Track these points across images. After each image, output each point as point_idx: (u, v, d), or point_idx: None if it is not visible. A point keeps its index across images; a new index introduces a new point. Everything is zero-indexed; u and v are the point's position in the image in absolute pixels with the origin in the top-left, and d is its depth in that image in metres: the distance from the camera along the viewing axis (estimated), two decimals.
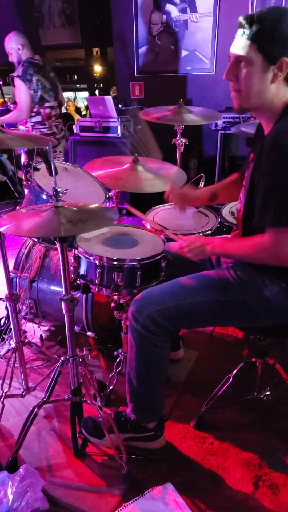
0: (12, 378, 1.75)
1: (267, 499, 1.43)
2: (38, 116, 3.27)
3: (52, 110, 3.33)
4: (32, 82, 3.14)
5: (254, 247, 1.31)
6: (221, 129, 4.01)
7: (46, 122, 3.29)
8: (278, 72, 1.19)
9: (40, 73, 3.20)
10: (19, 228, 1.28)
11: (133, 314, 1.44)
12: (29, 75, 3.14)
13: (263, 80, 1.21)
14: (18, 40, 3.22)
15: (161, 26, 4.63)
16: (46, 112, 3.28)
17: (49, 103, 3.29)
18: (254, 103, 1.27)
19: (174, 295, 1.42)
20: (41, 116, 3.27)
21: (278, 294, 1.37)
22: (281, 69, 1.19)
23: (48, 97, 3.29)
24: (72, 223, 1.26)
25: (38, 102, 3.23)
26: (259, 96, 1.25)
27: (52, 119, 3.34)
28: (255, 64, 1.20)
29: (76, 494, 1.45)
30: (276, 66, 1.19)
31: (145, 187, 1.79)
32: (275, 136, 1.24)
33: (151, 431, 1.56)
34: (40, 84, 3.18)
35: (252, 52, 1.19)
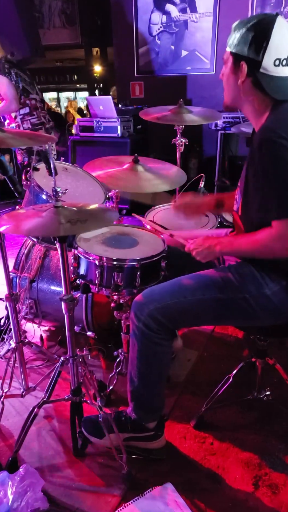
0: (12, 378, 1.75)
1: (267, 499, 1.43)
2: (25, 107, 3.32)
3: (37, 102, 3.38)
4: (11, 74, 3.22)
5: (264, 241, 1.30)
6: (221, 129, 4.01)
7: (34, 113, 3.33)
8: (239, 74, 1.31)
9: (16, 67, 3.28)
10: (19, 227, 1.28)
11: (134, 313, 1.44)
12: (6, 69, 3.22)
13: (233, 80, 1.35)
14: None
15: (161, 26, 4.63)
16: (32, 103, 3.33)
17: (32, 94, 3.34)
18: (231, 100, 1.41)
19: (175, 294, 1.43)
20: (28, 107, 3.32)
21: (278, 292, 1.37)
22: (241, 72, 1.30)
23: (30, 89, 3.34)
24: (71, 223, 1.26)
25: (22, 94, 3.29)
26: (233, 94, 1.38)
27: (39, 110, 3.38)
28: (228, 66, 1.35)
29: (76, 494, 1.45)
30: (239, 69, 1.31)
31: (145, 187, 1.79)
32: (261, 133, 1.28)
33: (151, 431, 1.56)
34: (20, 77, 3.26)
35: (228, 56, 1.34)
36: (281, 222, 1.24)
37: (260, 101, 1.32)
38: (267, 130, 1.26)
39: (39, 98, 3.43)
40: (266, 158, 1.23)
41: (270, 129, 1.25)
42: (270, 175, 1.24)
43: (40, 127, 3.36)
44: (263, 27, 1.24)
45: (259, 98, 1.32)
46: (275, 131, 1.23)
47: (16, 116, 3.34)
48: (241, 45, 1.27)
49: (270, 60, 1.24)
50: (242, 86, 1.32)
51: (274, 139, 1.21)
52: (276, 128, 1.24)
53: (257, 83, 1.29)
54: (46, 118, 3.47)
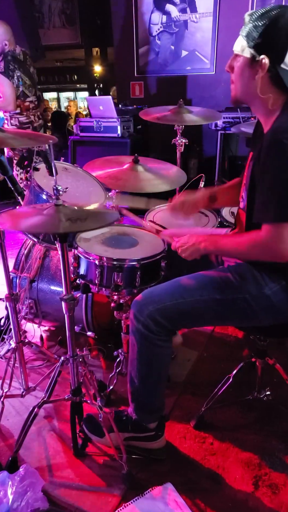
0: (12, 378, 1.75)
1: (267, 499, 1.43)
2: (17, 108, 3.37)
3: (31, 104, 3.41)
4: (13, 78, 3.20)
5: (249, 243, 1.30)
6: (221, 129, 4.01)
7: (24, 113, 3.38)
8: (258, 69, 1.25)
9: (21, 69, 3.26)
10: (18, 224, 1.28)
11: (134, 314, 1.44)
12: (11, 71, 3.20)
13: (249, 74, 1.28)
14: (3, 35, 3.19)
15: (161, 26, 4.63)
16: (25, 105, 3.37)
17: (29, 98, 3.36)
18: (243, 95, 1.35)
19: (174, 295, 1.42)
20: (20, 108, 3.36)
21: (278, 292, 1.37)
22: (261, 66, 1.24)
23: (29, 92, 3.35)
24: (71, 221, 1.25)
25: (19, 97, 3.31)
26: (246, 89, 1.32)
27: (31, 110, 3.42)
28: (244, 59, 1.28)
29: (76, 494, 1.45)
30: (257, 63, 1.25)
31: (145, 187, 1.79)
32: (274, 133, 1.25)
33: (151, 431, 1.56)
34: (21, 81, 3.25)
35: (243, 48, 1.27)
36: (274, 225, 1.24)
37: (275, 99, 1.28)
38: (279, 131, 1.23)
39: (35, 99, 3.45)
40: (275, 160, 1.22)
41: (282, 130, 1.23)
42: (275, 177, 1.23)
43: (28, 126, 3.42)
44: (286, 20, 1.19)
45: (275, 95, 1.27)
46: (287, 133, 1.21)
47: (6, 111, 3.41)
48: (262, 38, 1.21)
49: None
50: (261, 81, 1.25)
51: (284, 142, 1.19)
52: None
53: (276, 79, 1.25)
54: (36, 115, 3.51)
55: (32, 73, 3.40)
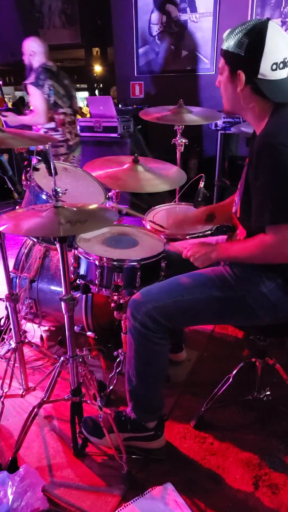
0: (12, 378, 1.75)
1: (267, 499, 1.43)
2: (52, 122, 3.21)
3: (66, 117, 3.26)
4: (44, 87, 3.10)
5: (259, 247, 1.32)
6: (221, 129, 4.01)
7: (59, 129, 3.23)
8: (237, 83, 1.30)
9: (53, 79, 3.15)
10: (19, 227, 1.28)
11: (131, 312, 1.45)
12: (41, 81, 3.10)
13: (231, 89, 1.34)
14: (31, 45, 3.16)
15: (161, 26, 4.63)
16: (60, 118, 3.22)
17: (63, 109, 3.22)
18: (231, 108, 1.41)
19: (172, 293, 1.43)
20: (54, 122, 3.21)
21: (274, 290, 1.38)
22: (239, 80, 1.29)
23: (62, 103, 3.22)
24: (71, 223, 1.26)
25: (52, 108, 3.18)
26: (232, 102, 1.38)
27: (66, 125, 3.27)
28: (225, 76, 1.34)
29: (76, 494, 1.45)
30: (236, 78, 1.30)
31: (145, 187, 1.79)
32: (264, 137, 1.28)
33: (151, 431, 1.56)
34: (53, 90, 3.13)
35: (223, 64, 1.34)
36: (274, 228, 1.26)
37: (261, 107, 1.32)
38: (268, 136, 1.27)
39: (70, 112, 3.30)
40: (266, 163, 1.24)
41: (271, 134, 1.26)
42: (268, 180, 1.24)
43: (62, 144, 3.25)
44: (256, 33, 1.23)
45: (259, 103, 1.32)
46: (276, 136, 1.23)
47: (41, 128, 3.24)
48: (236, 54, 1.26)
49: (267, 65, 1.24)
50: (242, 93, 1.32)
51: (274, 145, 1.22)
52: (277, 133, 1.24)
53: (257, 89, 1.29)
54: (73, 133, 3.35)
55: (66, 85, 3.28)
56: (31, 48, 3.16)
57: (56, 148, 3.23)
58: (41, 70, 3.12)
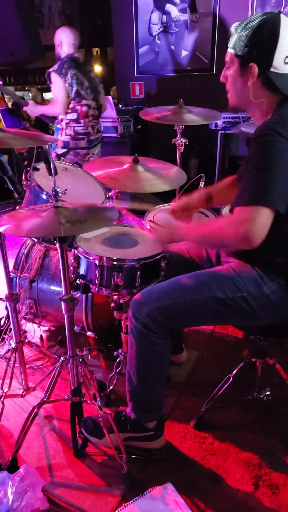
0: (12, 378, 1.75)
1: (267, 499, 1.43)
2: (73, 113, 3.09)
3: (90, 109, 3.14)
4: (67, 76, 2.99)
5: (221, 224, 1.33)
6: (221, 129, 4.01)
7: (81, 121, 3.11)
8: (249, 76, 1.30)
9: (77, 68, 3.04)
10: (19, 228, 1.28)
11: (132, 312, 1.45)
12: (64, 69, 3.00)
13: (241, 82, 1.34)
14: (59, 36, 3.09)
15: (161, 26, 4.63)
16: (83, 110, 3.09)
17: (86, 100, 3.09)
18: (238, 103, 1.40)
19: (173, 293, 1.43)
20: (76, 113, 3.09)
21: (277, 291, 1.37)
22: (251, 73, 1.29)
23: (85, 94, 3.08)
24: (71, 223, 1.26)
25: (74, 98, 3.06)
26: (240, 97, 1.37)
27: (89, 118, 3.14)
28: (235, 69, 1.33)
29: (76, 494, 1.45)
30: (248, 71, 1.29)
31: (145, 187, 1.79)
32: (260, 129, 1.29)
33: (151, 431, 1.56)
34: (76, 80, 3.01)
35: (232, 58, 1.33)
36: (240, 209, 1.24)
37: (268, 102, 1.33)
38: (266, 126, 1.28)
39: (94, 105, 3.17)
40: (256, 151, 1.26)
41: (268, 125, 1.27)
42: (252, 166, 1.25)
43: (83, 137, 3.14)
44: (270, 27, 1.23)
45: (268, 99, 1.32)
46: (273, 126, 1.24)
47: (62, 119, 3.14)
48: (248, 47, 1.26)
49: (281, 58, 1.25)
50: (252, 87, 1.31)
51: (269, 133, 1.23)
52: (274, 124, 1.25)
53: (268, 83, 1.29)
54: (95, 128, 3.23)
55: (92, 77, 3.17)
56: (59, 38, 3.09)
57: (76, 141, 3.13)
58: (66, 60, 3.04)
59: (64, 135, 3.15)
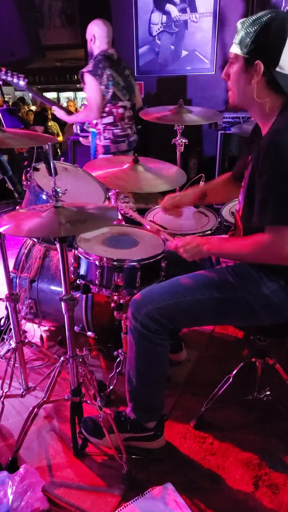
0: (12, 378, 1.75)
1: (267, 499, 1.43)
2: (110, 116, 2.87)
3: (126, 111, 2.92)
4: (102, 77, 2.74)
5: (254, 247, 1.31)
6: (221, 129, 4.01)
7: (118, 124, 2.89)
8: (254, 74, 1.27)
9: (113, 67, 2.80)
10: (19, 228, 1.28)
11: (132, 312, 1.44)
12: (99, 70, 2.74)
13: (245, 80, 1.30)
14: (93, 29, 2.86)
15: (161, 26, 4.63)
16: (119, 112, 2.87)
17: (122, 102, 2.87)
18: (240, 101, 1.37)
19: (173, 294, 1.43)
20: (113, 116, 2.87)
21: (277, 291, 1.37)
22: (256, 71, 1.26)
23: (122, 95, 2.86)
24: (71, 223, 1.26)
25: (110, 101, 2.82)
26: (243, 95, 1.34)
27: (125, 120, 2.94)
28: (239, 66, 1.30)
29: (76, 494, 1.45)
30: (252, 68, 1.27)
31: (145, 187, 1.79)
32: (271, 136, 1.27)
33: (151, 431, 1.56)
34: (112, 81, 2.77)
35: (237, 55, 1.29)
36: (274, 229, 1.25)
37: (271, 102, 1.30)
38: (276, 133, 1.25)
39: (129, 105, 2.95)
40: (271, 161, 1.23)
41: (279, 132, 1.25)
42: (273, 179, 1.24)
43: (123, 139, 2.94)
44: (279, 25, 1.21)
45: (271, 99, 1.30)
46: (284, 134, 1.22)
47: (97, 123, 2.93)
48: (255, 44, 1.23)
49: (287, 58, 1.23)
50: (256, 85, 1.28)
51: (281, 143, 1.21)
52: (285, 132, 1.23)
53: (272, 82, 1.27)
54: (132, 129, 3.02)
55: (127, 75, 2.93)
56: (92, 32, 2.86)
57: (117, 144, 2.93)
58: (100, 58, 2.79)
59: (103, 139, 2.94)
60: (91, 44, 2.90)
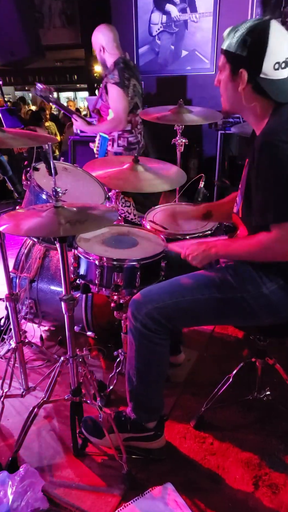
0: (12, 378, 1.75)
1: (267, 499, 1.43)
2: (128, 125, 2.84)
3: (139, 118, 2.88)
4: (129, 88, 2.70)
5: (260, 245, 1.31)
6: (221, 129, 4.01)
7: (133, 131, 2.87)
8: (239, 82, 1.30)
9: (134, 76, 2.76)
10: (19, 228, 1.28)
11: (132, 312, 1.45)
12: (126, 81, 2.68)
13: (232, 87, 1.34)
14: (100, 38, 2.77)
15: (161, 26, 4.63)
16: (136, 120, 2.85)
17: (140, 109, 2.85)
18: (231, 107, 1.40)
19: (173, 293, 1.43)
20: (131, 124, 2.85)
21: (276, 291, 1.37)
22: (241, 79, 1.29)
23: (140, 103, 2.85)
24: (71, 223, 1.26)
25: (132, 110, 2.80)
26: (233, 101, 1.37)
27: (138, 126, 2.92)
28: (226, 74, 1.33)
29: (76, 494, 1.45)
30: (238, 76, 1.29)
31: (145, 187, 1.79)
32: (264, 136, 1.28)
33: (151, 431, 1.56)
34: (135, 91, 2.77)
35: (224, 63, 1.33)
36: (279, 226, 1.25)
37: (261, 106, 1.32)
38: (269, 133, 1.27)
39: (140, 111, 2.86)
40: (267, 161, 1.24)
41: (272, 132, 1.26)
42: (269, 178, 1.24)
43: (135, 147, 2.92)
44: (259, 32, 1.23)
45: (261, 103, 1.31)
46: (277, 134, 1.23)
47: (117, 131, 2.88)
48: (238, 53, 1.26)
49: (270, 64, 1.24)
50: (243, 92, 1.31)
51: (275, 143, 1.22)
52: (278, 131, 1.24)
53: (258, 88, 1.28)
54: (142, 134, 2.99)
55: (141, 81, 2.89)
56: (99, 42, 2.77)
57: (129, 151, 2.90)
58: (123, 67, 2.70)
59: (116, 146, 2.91)
60: (101, 54, 2.81)
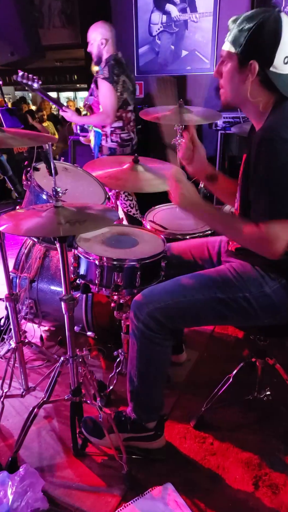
0: (12, 378, 1.75)
1: (267, 499, 1.43)
2: (119, 121, 2.92)
3: (131, 115, 2.97)
4: (118, 84, 2.77)
5: (247, 235, 1.30)
6: (221, 129, 4.01)
7: (125, 127, 2.94)
8: (248, 74, 1.26)
9: (125, 73, 2.83)
10: (18, 228, 1.28)
11: (134, 313, 1.44)
12: (115, 76, 2.75)
13: (238, 79, 1.30)
14: (102, 33, 2.84)
15: (161, 26, 4.63)
16: (128, 116, 2.93)
17: (131, 106, 2.93)
18: (234, 99, 1.36)
19: (175, 294, 1.43)
20: (122, 121, 2.92)
21: (278, 290, 1.37)
22: (250, 71, 1.26)
23: (130, 100, 2.91)
24: (70, 223, 1.26)
25: (122, 106, 2.87)
26: (236, 94, 1.33)
27: (131, 124, 2.98)
28: (233, 65, 1.29)
29: (76, 494, 1.45)
30: (247, 68, 1.26)
31: (145, 187, 1.79)
32: (264, 132, 1.28)
33: (151, 431, 1.56)
34: (125, 87, 2.83)
35: (230, 54, 1.28)
36: (267, 223, 1.24)
37: (265, 101, 1.30)
38: (268, 130, 1.26)
39: (132, 108, 2.96)
40: (264, 157, 1.24)
41: (271, 128, 1.25)
42: (266, 174, 1.24)
43: (128, 144, 2.98)
44: (272, 24, 1.20)
45: (265, 98, 1.30)
46: (276, 130, 1.23)
47: (105, 126, 2.95)
48: (250, 43, 1.22)
49: (281, 58, 1.22)
50: (251, 85, 1.28)
51: (275, 139, 1.21)
52: (277, 128, 1.24)
53: (266, 82, 1.26)
54: (134, 132, 3.05)
55: (132, 78, 2.94)
56: (102, 36, 2.83)
57: (123, 148, 2.98)
58: (113, 64, 2.78)
59: (110, 141, 2.98)
60: (101, 48, 2.88)
